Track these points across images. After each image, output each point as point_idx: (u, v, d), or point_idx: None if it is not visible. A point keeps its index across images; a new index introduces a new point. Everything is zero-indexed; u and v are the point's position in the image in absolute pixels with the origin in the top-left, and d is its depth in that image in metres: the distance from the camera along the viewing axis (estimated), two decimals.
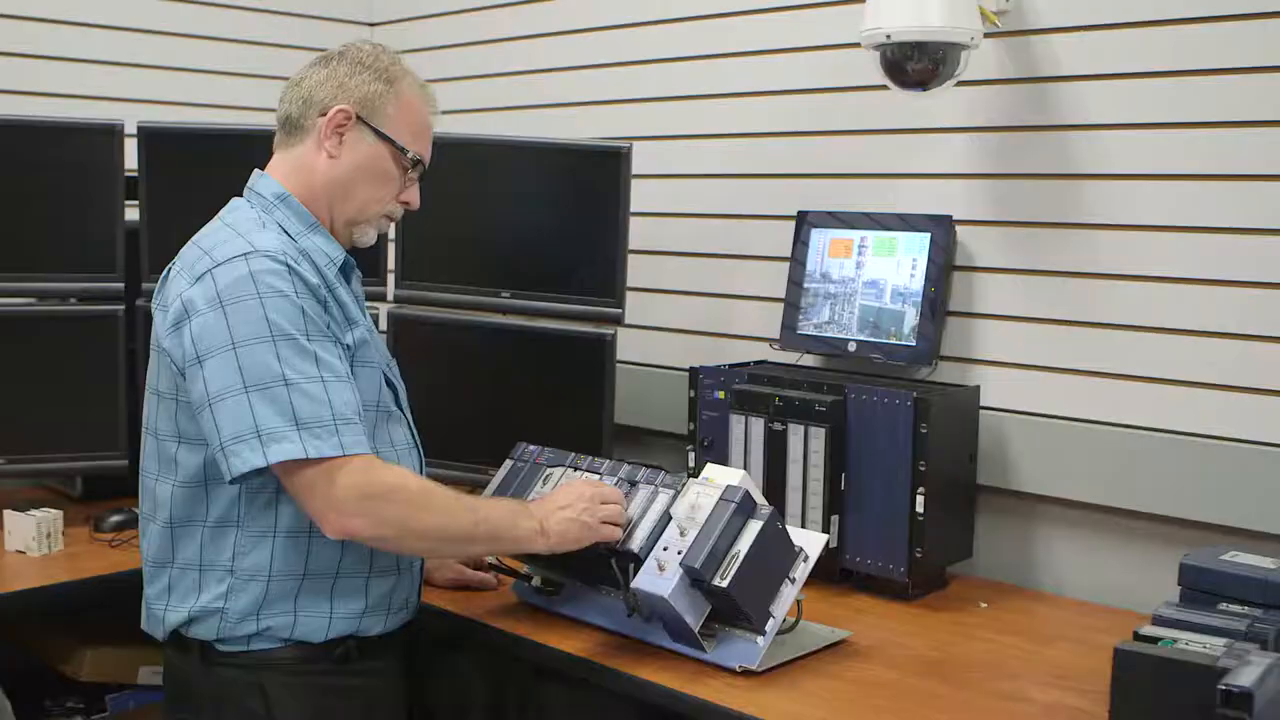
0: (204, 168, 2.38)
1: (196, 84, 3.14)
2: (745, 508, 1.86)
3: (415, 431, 1.98)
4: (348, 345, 1.80)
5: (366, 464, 1.71)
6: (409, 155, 1.88)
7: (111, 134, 2.48)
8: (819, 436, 2.18)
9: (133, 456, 2.48)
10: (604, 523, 1.88)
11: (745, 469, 2.21)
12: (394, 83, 1.87)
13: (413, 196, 1.92)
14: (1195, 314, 2.10)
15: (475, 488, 2.41)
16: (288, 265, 1.73)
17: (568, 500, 1.88)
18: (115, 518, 2.49)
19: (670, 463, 2.70)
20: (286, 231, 1.83)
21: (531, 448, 2.14)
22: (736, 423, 2.28)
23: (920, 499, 2.13)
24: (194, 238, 1.85)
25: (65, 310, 2.53)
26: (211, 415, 1.69)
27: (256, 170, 1.90)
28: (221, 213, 1.89)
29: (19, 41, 2.86)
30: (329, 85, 1.85)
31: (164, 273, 1.87)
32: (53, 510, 2.38)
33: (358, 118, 1.84)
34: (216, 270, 1.72)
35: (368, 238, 1.93)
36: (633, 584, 1.86)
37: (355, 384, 1.78)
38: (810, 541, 1.91)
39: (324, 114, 1.84)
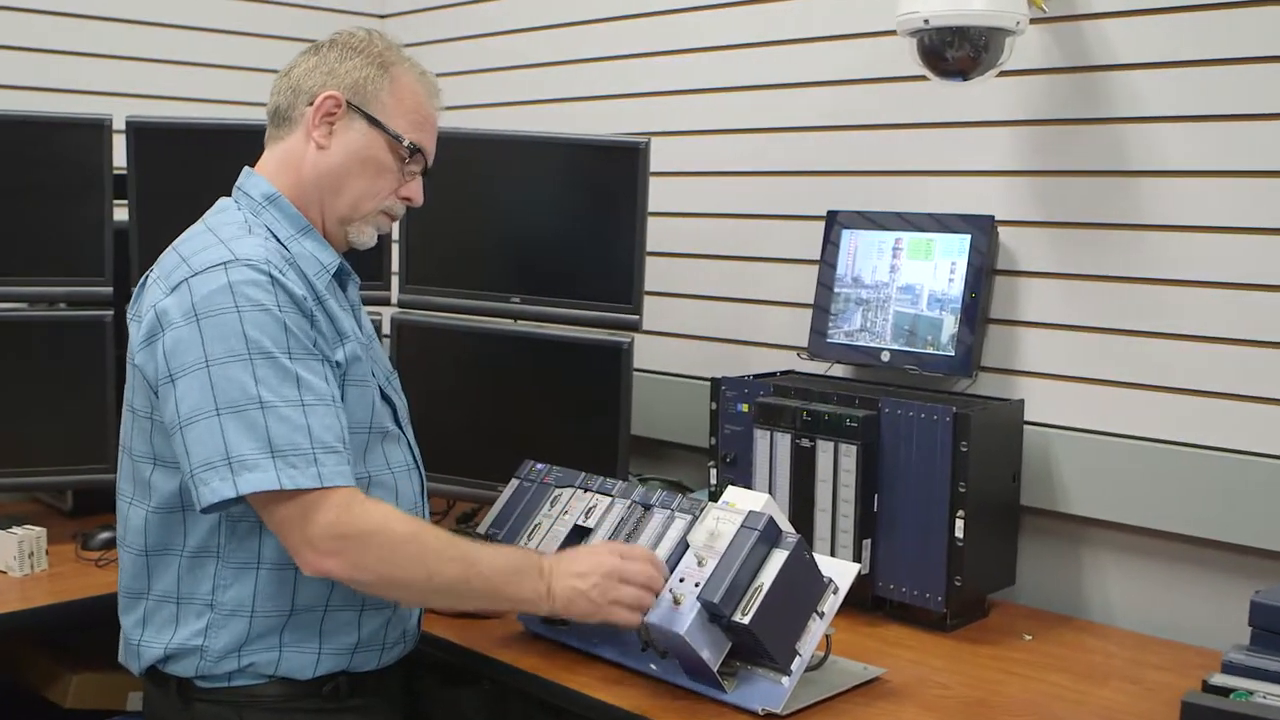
0: (198, 165, 2.29)
1: (190, 77, 3.04)
2: (769, 536, 1.72)
3: (416, 450, 1.86)
4: (337, 363, 1.67)
5: (346, 499, 1.58)
6: (405, 144, 1.75)
7: (100, 129, 2.38)
8: (850, 454, 2.06)
9: None
10: (615, 604, 1.70)
11: (770, 487, 2.13)
12: (388, 68, 1.75)
13: (415, 192, 1.79)
14: (1262, 322, 1.96)
15: (484, 505, 2.32)
16: (270, 275, 1.61)
17: (586, 568, 1.70)
18: (104, 535, 2.39)
19: (691, 477, 2.66)
20: (276, 236, 1.71)
21: (539, 466, 2.04)
22: (761, 438, 2.16)
23: (960, 523, 2.00)
24: (175, 241, 1.73)
25: (50, 315, 2.43)
26: (182, 439, 1.57)
27: (246, 168, 1.79)
28: (207, 214, 1.78)
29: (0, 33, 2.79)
30: (318, 72, 1.74)
31: (141, 279, 1.75)
32: (35, 528, 2.28)
33: (348, 104, 1.72)
34: (193, 280, 1.60)
35: (365, 238, 1.80)
36: (647, 618, 1.73)
37: (344, 406, 1.66)
38: (841, 572, 1.77)
39: (312, 102, 1.72)
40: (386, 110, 1.74)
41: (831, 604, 1.74)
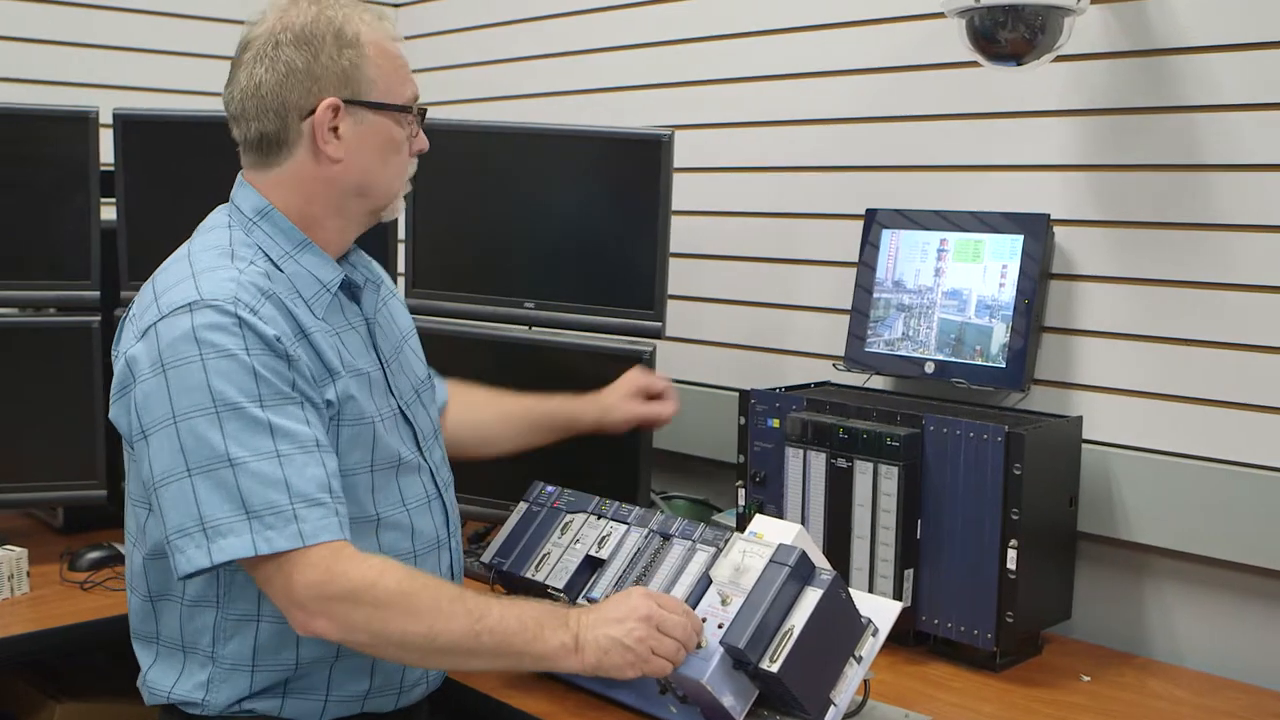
0: (189, 160, 2.26)
1: (181, 67, 2.97)
2: (801, 572, 1.57)
3: (442, 474, 1.73)
4: (328, 401, 1.54)
5: (331, 556, 1.46)
6: (411, 112, 1.63)
7: (85, 122, 2.28)
8: (891, 476, 1.90)
9: (112, 487, 2.33)
10: (655, 655, 1.53)
11: (804, 510, 2.00)
12: (358, 40, 1.58)
13: (423, 141, 1.68)
14: None
15: (496, 525, 2.23)
16: (238, 317, 1.47)
17: (621, 614, 1.52)
18: (92, 555, 2.29)
19: (719, 495, 2.52)
20: (269, 255, 1.58)
21: (549, 488, 1.91)
22: (793, 457, 2.02)
23: (1012, 553, 1.84)
24: (160, 267, 1.61)
25: (32, 321, 2.32)
26: (158, 501, 1.48)
27: (241, 175, 1.64)
28: (196, 232, 1.65)
29: None
30: (294, 81, 1.56)
31: (123, 316, 1.62)
32: (16, 549, 2.16)
33: (346, 102, 1.57)
34: (160, 325, 1.49)
35: (397, 209, 1.68)
36: None
37: (338, 448, 1.55)
38: (881, 611, 1.62)
39: (307, 117, 1.56)
40: (377, 87, 1.59)
41: (870, 647, 1.59)
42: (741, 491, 2.14)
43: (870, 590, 1.91)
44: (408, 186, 1.68)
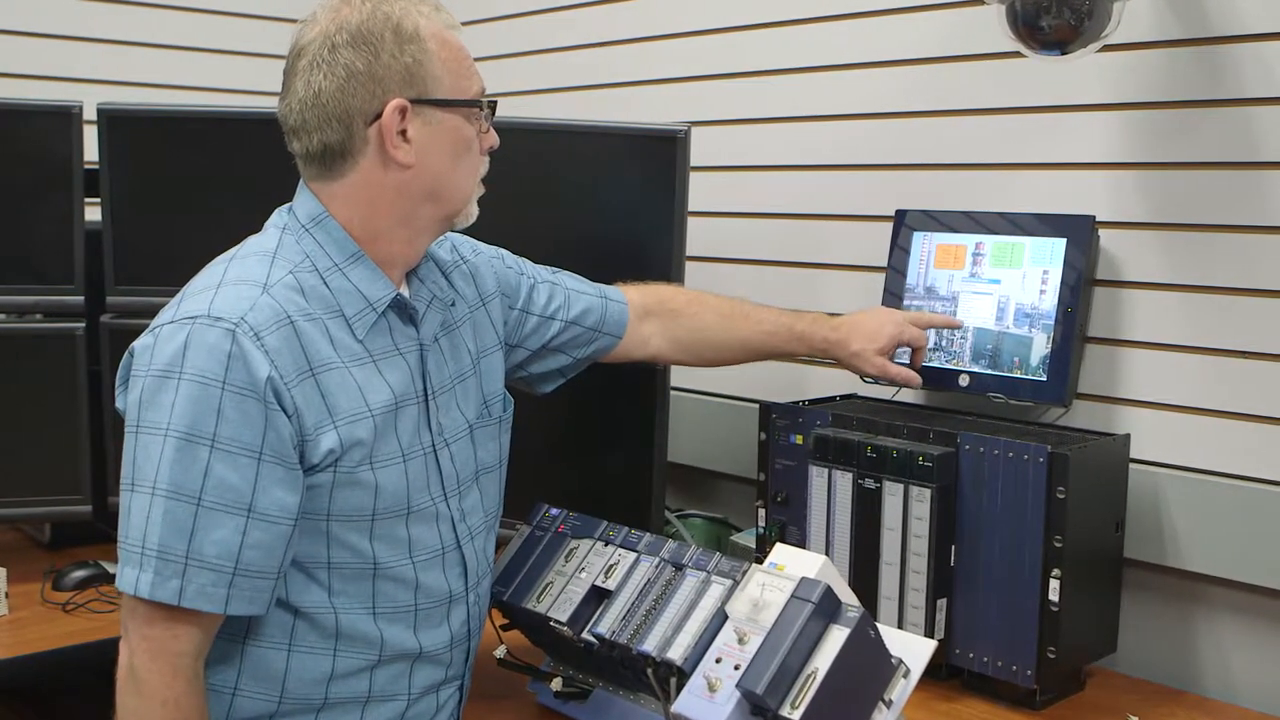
0: (178, 158, 2.20)
1: (169, 60, 2.94)
2: (826, 609, 1.44)
3: (468, 524, 1.61)
4: (329, 450, 1.45)
5: (183, 637, 1.40)
6: (482, 106, 1.56)
7: (68, 118, 2.21)
8: (923, 498, 1.79)
9: (98, 502, 2.25)
10: None
11: (828, 534, 1.89)
12: (418, 34, 1.50)
13: (493, 137, 1.61)
14: None
15: (501, 545, 2.11)
16: (236, 341, 1.40)
17: None
18: (78, 573, 2.20)
19: (738, 514, 2.42)
20: (316, 266, 1.49)
21: (553, 511, 1.79)
22: (818, 476, 1.91)
23: (1054, 584, 1.72)
24: (217, 258, 1.54)
25: (13, 328, 2.23)
26: None
27: (302, 182, 1.56)
28: (259, 234, 1.58)
29: None
30: (355, 85, 1.47)
31: None
32: None
33: (413, 102, 1.48)
34: (163, 330, 1.45)
35: (471, 213, 1.61)
36: (674, 707, 1.46)
37: (333, 501, 1.47)
38: (913, 650, 1.49)
39: (373, 122, 1.47)
40: (443, 83, 1.50)
41: (902, 690, 1.46)
42: (761, 512, 2.04)
43: (900, 621, 1.80)
44: (481, 188, 1.60)
